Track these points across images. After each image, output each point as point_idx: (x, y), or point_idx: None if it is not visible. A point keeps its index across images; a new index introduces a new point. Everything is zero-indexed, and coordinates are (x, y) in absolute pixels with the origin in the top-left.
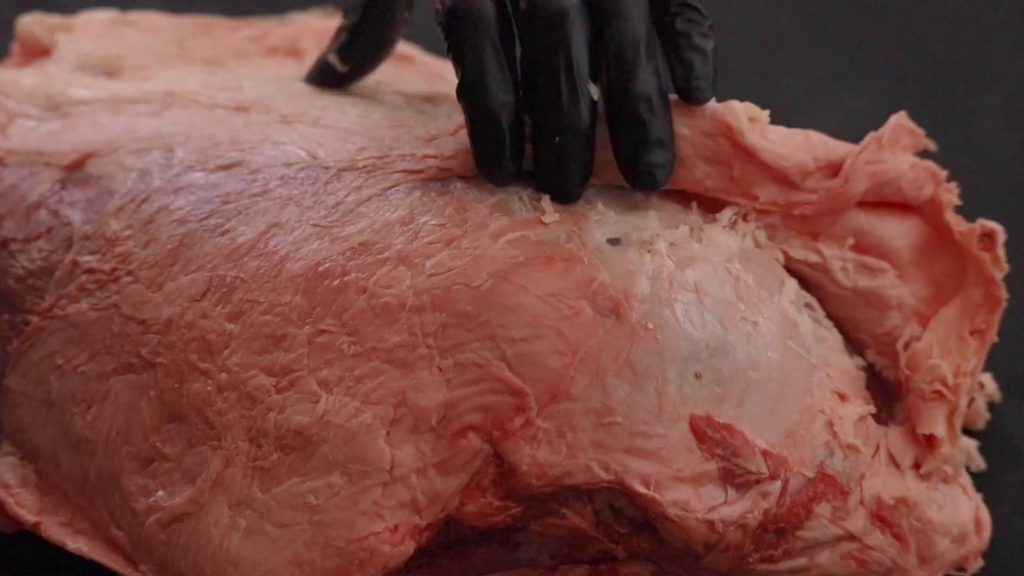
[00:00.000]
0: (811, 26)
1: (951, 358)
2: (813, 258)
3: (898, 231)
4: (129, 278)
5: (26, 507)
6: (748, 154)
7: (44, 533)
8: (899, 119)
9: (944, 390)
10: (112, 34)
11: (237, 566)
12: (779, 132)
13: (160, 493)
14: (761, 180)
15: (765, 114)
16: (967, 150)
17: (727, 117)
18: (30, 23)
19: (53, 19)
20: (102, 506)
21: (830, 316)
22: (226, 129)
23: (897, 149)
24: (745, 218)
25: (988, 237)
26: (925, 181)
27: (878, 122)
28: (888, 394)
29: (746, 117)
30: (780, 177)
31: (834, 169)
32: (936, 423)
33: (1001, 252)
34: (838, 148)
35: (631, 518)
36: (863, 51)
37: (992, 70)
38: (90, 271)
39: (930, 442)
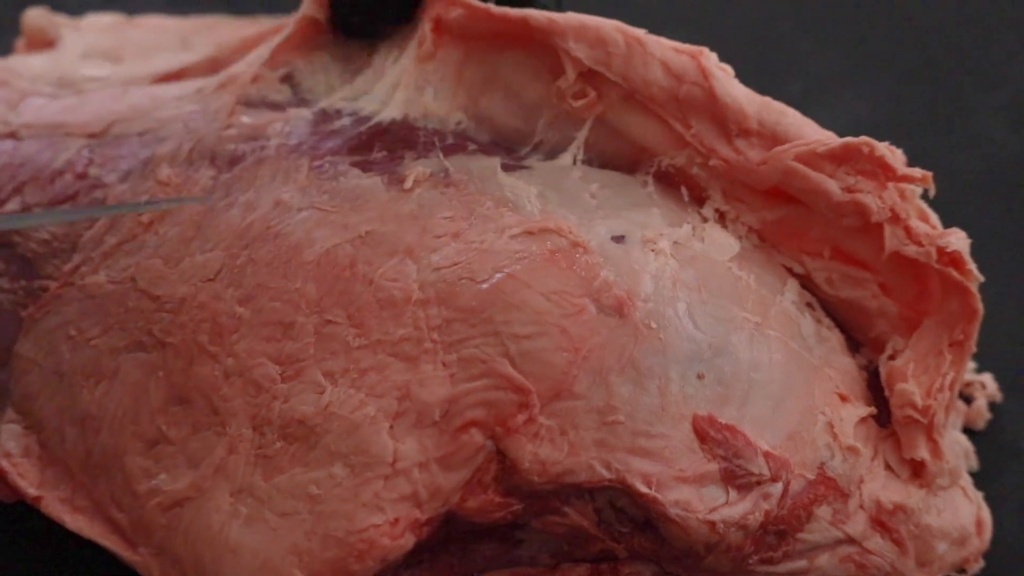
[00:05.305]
0: (811, 26)
1: (928, 374)
2: (797, 268)
3: (875, 243)
4: (155, 241)
5: (27, 479)
6: (705, 78)
7: (44, 508)
8: (869, 144)
9: (914, 414)
10: (116, 33)
11: (236, 553)
12: (743, 88)
13: (162, 476)
14: (700, 113)
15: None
16: (969, 150)
17: (700, 48)
18: (36, 15)
19: (59, 19)
20: (104, 485)
21: (829, 316)
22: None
23: (853, 169)
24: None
25: (948, 255)
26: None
27: (879, 122)
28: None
29: (716, 63)
30: (719, 118)
31: (776, 143)
32: (917, 447)
33: (970, 264)
34: (800, 129)
35: (632, 518)
36: (864, 51)
37: (994, 70)
38: (118, 234)
39: (917, 467)
